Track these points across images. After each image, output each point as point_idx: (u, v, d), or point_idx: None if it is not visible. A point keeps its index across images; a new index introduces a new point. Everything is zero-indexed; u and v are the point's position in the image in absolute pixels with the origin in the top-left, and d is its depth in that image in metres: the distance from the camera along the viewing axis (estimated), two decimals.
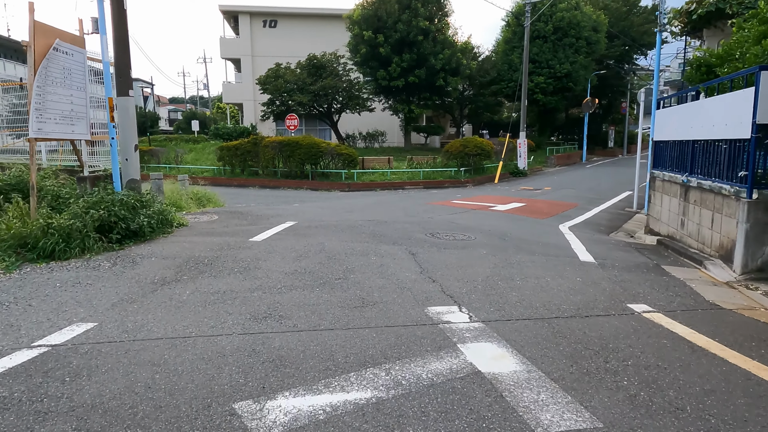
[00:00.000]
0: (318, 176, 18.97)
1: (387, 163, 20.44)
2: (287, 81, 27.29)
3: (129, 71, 7.25)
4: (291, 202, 12.83)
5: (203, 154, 26.74)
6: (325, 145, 18.45)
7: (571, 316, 4.01)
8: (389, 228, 8.01)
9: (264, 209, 10.62)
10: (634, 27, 35.99)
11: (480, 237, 7.56)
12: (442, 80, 26.33)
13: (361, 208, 10.97)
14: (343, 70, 28.58)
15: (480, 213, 10.83)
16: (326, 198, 14.24)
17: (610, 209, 12.79)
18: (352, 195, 15.54)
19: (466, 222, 9.20)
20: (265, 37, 35.23)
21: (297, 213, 9.81)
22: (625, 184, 18.71)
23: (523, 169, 22.71)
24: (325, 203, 12.43)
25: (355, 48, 26.83)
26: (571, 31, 29.93)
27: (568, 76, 30.20)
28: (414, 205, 12.02)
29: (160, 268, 5.13)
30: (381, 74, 25.84)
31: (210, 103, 68.26)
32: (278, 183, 18.93)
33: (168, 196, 10.12)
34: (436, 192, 16.32)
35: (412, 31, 24.91)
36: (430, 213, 10.47)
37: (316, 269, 5.22)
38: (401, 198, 13.95)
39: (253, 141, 19.75)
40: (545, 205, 12.76)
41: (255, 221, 8.47)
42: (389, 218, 9.32)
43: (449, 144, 19.96)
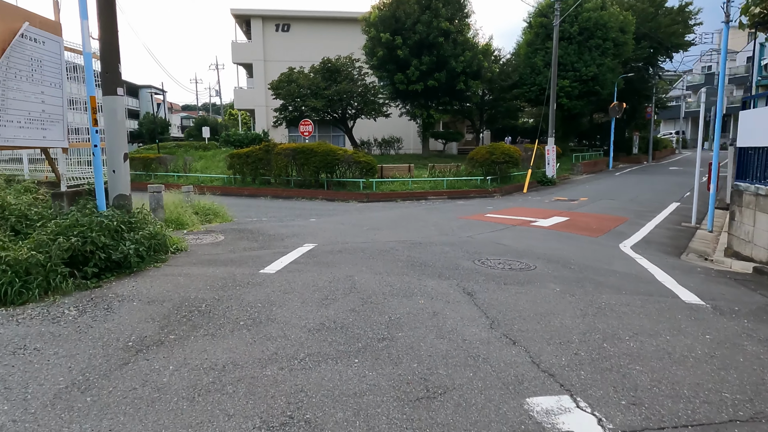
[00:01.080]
0: (334, 185, 17.70)
1: (407, 171, 19.11)
2: (300, 86, 26.17)
3: (118, 65, 6.01)
4: (306, 216, 11.54)
5: (213, 162, 25.66)
6: (342, 153, 17.19)
7: (753, 418, 2.62)
8: (427, 253, 6.66)
9: (277, 226, 9.32)
10: (662, 28, 34.41)
11: (540, 265, 6.18)
12: (463, 84, 25.01)
13: (386, 225, 9.64)
14: (358, 74, 27.41)
15: (523, 230, 9.44)
16: (344, 211, 12.93)
17: (664, 224, 11.32)
18: (372, 207, 14.22)
19: (513, 242, 7.83)
20: (277, 41, 34.24)
21: (315, 231, 8.50)
22: (667, 193, 17.22)
23: (552, 177, 21.25)
24: (344, 218, 11.11)
25: (372, 51, 25.62)
26: (598, 32, 28.48)
27: (595, 79, 28.71)
28: (445, 219, 10.66)
29: (141, 319, 3.83)
30: (398, 78, 24.58)
31: (222, 109, 67.69)
32: (291, 193, 17.69)
33: (169, 211, 8.88)
34: (463, 203, 14.94)
35: (432, 32, 23.65)
36: (467, 230, 9.10)
37: (349, 321, 3.89)
38: (427, 211, 12.60)
39: (264, 148, 18.56)
40: (592, 220, 11.33)
41: (267, 243, 7.17)
42: (423, 238, 7.97)
43: (474, 151, 18.61)
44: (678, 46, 36.31)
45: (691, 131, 64.24)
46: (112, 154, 6.04)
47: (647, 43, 33.93)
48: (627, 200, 15.50)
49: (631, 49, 30.71)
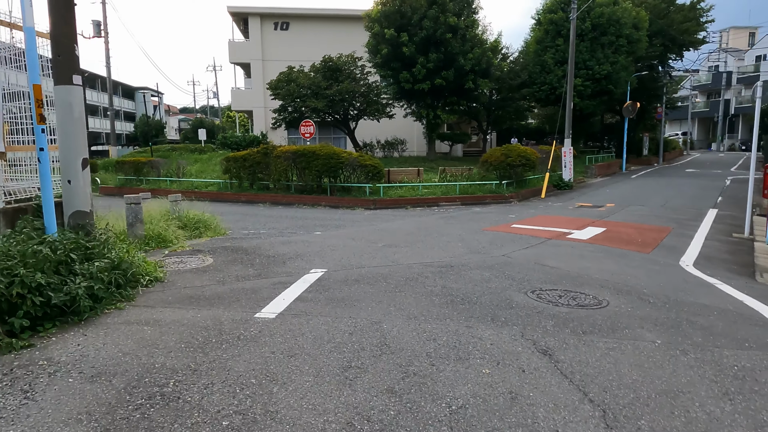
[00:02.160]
0: (338, 191, 16.38)
1: (416, 175, 17.81)
2: (300, 85, 24.90)
3: (74, 46, 4.69)
4: (310, 228, 10.21)
5: (209, 166, 24.36)
6: (346, 156, 15.87)
7: None
8: (465, 281, 5.35)
9: (277, 242, 8.00)
10: (674, 25, 33.16)
11: (611, 298, 4.88)
12: (471, 82, 23.72)
13: (404, 239, 8.32)
14: (360, 74, 26.15)
15: (563, 246, 8.12)
16: (352, 221, 11.60)
17: (714, 235, 10.01)
18: (382, 216, 12.90)
19: (560, 263, 6.52)
20: (276, 40, 32.96)
21: (322, 250, 7.17)
22: (697, 198, 15.93)
23: (569, 181, 19.97)
24: (353, 230, 9.78)
25: (375, 48, 24.32)
26: (611, 28, 27.21)
27: (608, 77, 27.43)
28: (468, 232, 9.34)
29: (70, 416, 2.50)
30: (404, 76, 23.28)
31: (220, 111, 66.39)
32: (292, 199, 16.37)
33: (150, 226, 7.55)
34: (481, 211, 13.63)
35: (439, 28, 22.37)
36: (499, 246, 7.78)
37: (389, 417, 2.56)
38: (445, 221, 11.28)
39: (263, 151, 17.24)
40: (632, 231, 10.02)
41: (265, 268, 5.85)
42: (452, 258, 6.66)
43: (488, 153, 17.31)
44: (691, 43, 35.09)
45: (698, 132, 63.07)
46: (67, 160, 4.72)
47: (659, 40, 32.70)
48: (658, 206, 14.20)
49: (645, 47, 29.45)
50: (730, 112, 57.62)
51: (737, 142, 56.78)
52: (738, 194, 17.20)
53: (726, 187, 19.38)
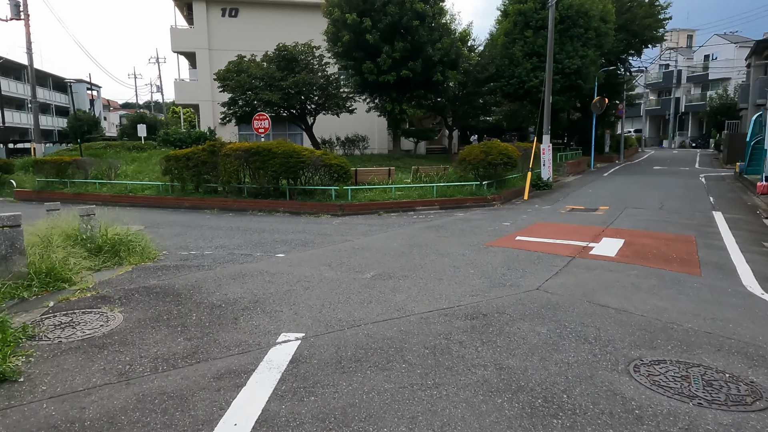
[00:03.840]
0: (298, 194, 14.24)
1: (387, 176, 15.88)
2: (252, 76, 22.47)
3: None
4: (270, 246, 8.07)
5: (148, 165, 21.59)
6: (308, 154, 13.74)
7: None
8: (522, 351, 3.52)
9: (226, 275, 5.87)
10: (637, 20, 32.76)
11: (755, 375, 3.13)
12: (440, 74, 22.01)
13: (397, 264, 6.38)
14: (318, 64, 23.96)
15: (597, 268, 6.40)
16: (321, 233, 9.51)
17: (746, 246, 8.60)
18: (354, 224, 10.89)
19: (619, 301, 4.79)
20: (224, 27, 30.17)
21: (292, 289, 5.13)
22: (689, 199, 14.82)
23: (548, 180, 18.60)
24: (327, 249, 7.70)
25: (335, 36, 22.19)
26: (580, 20, 26.21)
27: (578, 72, 26.44)
28: (470, 248, 7.51)
29: None
30: (367, 67, 21.28)
31: (164, 106, 62.18)
32: (245, 204, 14.10)
33: (42, 254, 5.28)
34: (467, 217, 11.86)
35: (406, 14, 20.51)
36: (522, 272, 5.99)
37: None
38: (434, 232, 9.39)
39: (209, 149, 14.84)
40: (654, 242, 8.50)
41: (205, 336, 3.80)
42: (476, 299, 4.80)
43: (466, 151, 15.59)
44: (652, 39, 34.91)
45: (650, 129, 64.32)
46: None
47: (623, 35, 32.20)
48: (655, 209, 12.90)
49: (612, 41, 28.73)
50: (680, 110, 58.94)
51: (687, 139, 58.16)
52: (725, 194, 16.30)
53: (707, 186, 18.52)
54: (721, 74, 51.51)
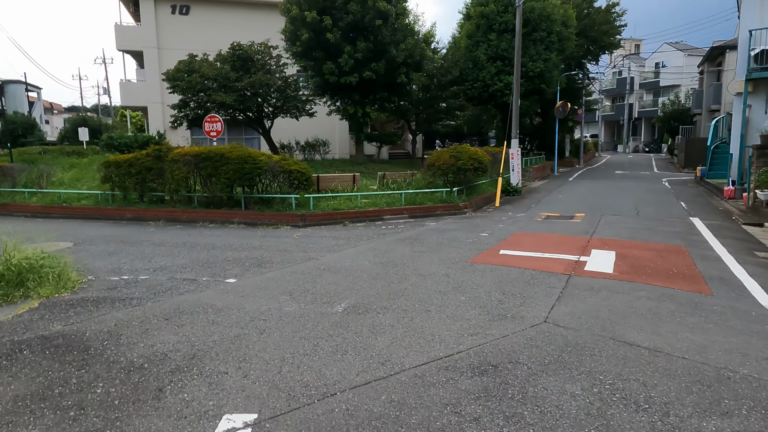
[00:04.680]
0: (255, 203, 13.01)
1: (352, 182, 14.84)
2: (205, 76, 20.98)
3: None
4: (220, 267, 6.88)
5: (89, 172, 19.71)
6: (265, 159, 12.54)
7: None
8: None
9: (158, 313, 4.70)
10: (595, 26, 33.08)
11: None
12: (404, 76, 21.23)
13: (373, 291, 5.37)
14: (276, 65, 22.68)
15: (601, 290, 5.60)
16: (280, 249, 8.37)
17: (740, 256, 8.07)
18: (317, 237, 9.80)
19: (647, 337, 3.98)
20: (174, 25, 28.42)
21: (242, 335, 4.05)
22: (661, 204, 14.50)
23: (517, 186, 18.03)
24: (287, 271, 6.59)
25: (294, 35, 21.05)
26: (542, 24, 26.03)
27: (541, 76, 26.24)
28: (454, 267, 6.58)
29: None
30: (328, 67, 20.23)
31: (112, 109, 58.94)
32: (195, 215, 12.75)
33: None
34: (440, 227, 10.98)
35: (368, 13, 19.60)
36: (520, 298, 5.10)
37: None
38: (408, 246, 8.42)
39: (155, 154, 13.41)
40: (646, 254, 7.85)
41: (108, 421, 2.68)
42: (478, 339, 3.87)
43: (434, 156, 14.76)
44: (609, 45, 35.36)
45: (605, 134, 65.85)
46: None
47: (582, 41, 32.43)
48: (632, 216, 12.41)
49: (573, 45, 28.76)
50: (633, 116, 60.59)
51: (641, 144, 59.79)
52: (694, 198, 16.11)
53: (673, 191, 18.40)
54: (672, 81, 53.19)
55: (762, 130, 13.99)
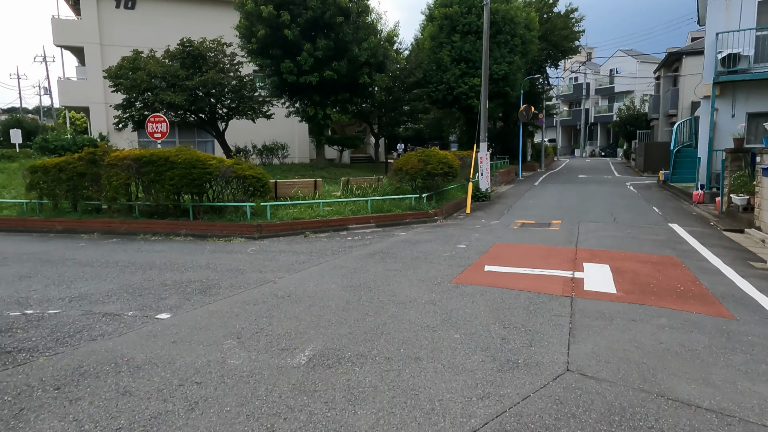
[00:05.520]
0: (205, 213, 11.67)
1: (313, 188, 13.70)
2: (151, 74, 19.37)
3: None
4: (151, 296, 5.65)
5: (18, 178, 17.70)
6: (216, 163, 11.24)
7: None
8: None
9: (47, 378, 3.49)
10: (556, 30, 33.16)
11: None
12: (367, 76, 20.25)
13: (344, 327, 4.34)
14: (230, 63, 21.27)
15: (614, 317, 4.77)
16: (231, 269, 7.17)
17: (738, 268, 7.48)
18: (274, 251, 8.64)
19: (714, 396, 3.15)
20: (119, 20, 26.45)
21: (158, 419, 2.86)
22: (635, 210, 14.07)
23: (487, 191, 17.33)
24: (235, 302, 5.40)
25: (249, 31, 19.73)
26: (506, 26, 25.65)
27: (505, 79, 25.84)
28: (436, 290, 5.61)
29: None
30: (287, 66, 19.02)
31: (53, 110, 55.31)
32: (136, 226, 11.31)
33: None
34: (409, 236, 10.02)
35: (329, 9, 18.53)
36: (525, 333, 4.17)
37: None
38: (380, 263, 7.40)
39: (89, 158, 11.88)
40: (641, 267, 7.14)
41: None
42: (509, 422, 2.84)
43: (402, 160, 13.81)
44: (569, 50, 35.58)
45: (562, 139, 66.98)
46: None
47: (544, 45, 32.39)
48: (610, 223, 11.82)
49: (536, 49, 28.59)
50: (589, 121, 61.84)
51: (597, 148, 61.07)
52: (664, 203, 15.81)
53: (641, 195, 18.13)
54: (626, 87, 54.53)
55: (735, 133, 13.76)
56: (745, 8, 14.96)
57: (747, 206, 11.72)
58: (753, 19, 14.94)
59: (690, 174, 20.61)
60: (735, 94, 15.39)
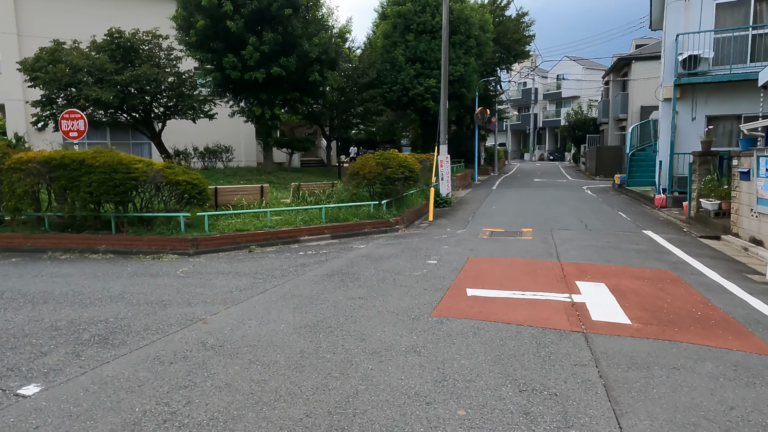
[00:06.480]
0: (131, 224, 9.97)
1: (260, 195, 12.22)
2: (75, 67, 17.23)
3: None
4: (26, 352, 4.13)
5: None
6: (143, 167, 9.59)
7: None
8: None
9: None
10: (509, 34, 32.97)
11: None
12: (318, 74, 18.89)
13: (326, 414, 3.05)
14: (167, 58, 19.35)
15: (654, 363, 3.75)
16: (150, 302, 5.67)
17: (734, 277, 6.75)
18: (210, 273, 7.20)
19: None
20: (39, 8, 23.80)
21: None
22: (602, 215, 13.49)
23: (447, 196, 16.37)
24: (142, 357, 3.89)
25: (187, 22, 17.97)
26: (461, 26, 25.00)
27: (461, 80, 25.15)
28: (419, 333, 4.42)
29: None
30: (229, 61, 17.39)
31: None
32: (44, 241, 9.50)
33: None
34: (370, 249, 8.81)
35: (276, 0, 17.06)
36: (563, 409, 3.01)
37: None
38: (341, 288, 6.13)
39: None
40: (639, 286, 6.27)
41: None
42: None
43: (359, 164, 12.57)
44: (521, 54, 35.54)
45: (511, 143, 67.83)
46: None
47: (497, 48, 32.10)
48: (582, 230, 11.08)
49: (491, 51, 28.14)
50: (538, 125, 62.87)
51: (545, 152, 62.16)
52: (628, 208, 15.37)
53: (603, 200, 17.72)
54: (573, 92, 55.70)
55: (703, 135, 13.43)
56: (705, 10, 14.75)
57: (719, 211, 11.27)
58: (712, 21, 14.75)
59: (646, 177, 20.55)
60: (695, 97, 15.16)
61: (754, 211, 9.02)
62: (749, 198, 9.23)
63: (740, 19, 14.56)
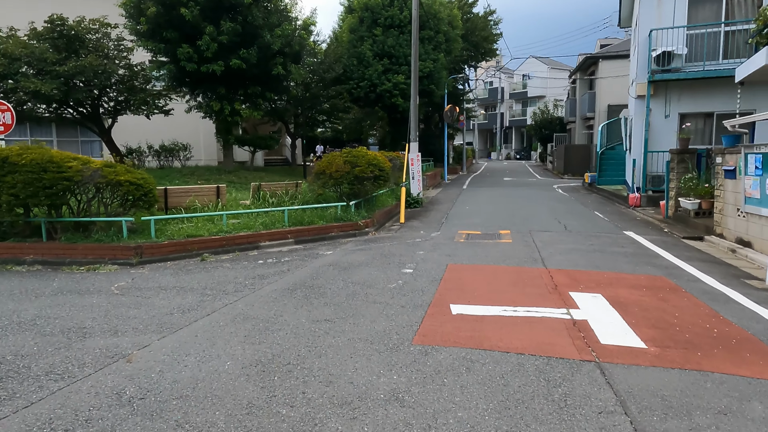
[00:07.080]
0: (65, 231, 8.78)
1: (215, 196, 11.15)
2: (12, 56, 15.67)
3: None
4: None
5: None
6: (77, 166, 8.42)
7: None
8: None
9: None
10: (477, 31, 32.59)
11: None
12: (281, 67, 17.84)
13: None
14: (116, 49, 17.90)
15: (696, 406, 3.06)
16: (68, 330, 4.63)
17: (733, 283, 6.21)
18: (151, 288, 6.20)
19: None
20: None
21: None
22: (580, 216, 13.03)
23: (419, 196, 15.63)
24: (32, 419, 3.00)
25: (138, 9, 16.62)
26: (430, 22, 24.35)
27: (430, 77, 24.51)
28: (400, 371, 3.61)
29: None
30: (184, 52, 16.17)
31: None
32: None
33: None
34: (337, 257, 7.95)
35: None
36: None
37: None
38: (304, 306, 5.25)
39: None
40: (639, 297, 5.65)
41: None
42: None
43: (325, 162, 11.66)
44: (489, 52, 35.24)
45: (479, 142, 67.91)
46: None
47: (465, 44, 31.66)
48: (561, 231, 10.51)
49: (460, 47, 27.62)
50: (505, 124, 63.10)
51: (512, 151, 62.43)
52: (603, 207, 15.00)
53: (576, 199, 17.35)
54: (539, 92, 56.07)
55: (676, 133, 13.11)
56: (678, 5, 14.48)
57: (699, 211, 10.91)
58: (685, 17, 14.49)
59: (617, 176, 20.38)
60: (668, 94, 14.88)
61: (741, 211, 8.58)
62: (735, 197, 8.81)
63: (712, 16, 14.36)
